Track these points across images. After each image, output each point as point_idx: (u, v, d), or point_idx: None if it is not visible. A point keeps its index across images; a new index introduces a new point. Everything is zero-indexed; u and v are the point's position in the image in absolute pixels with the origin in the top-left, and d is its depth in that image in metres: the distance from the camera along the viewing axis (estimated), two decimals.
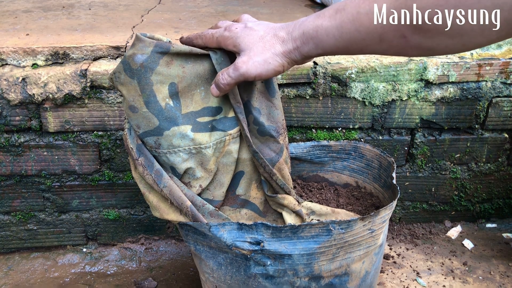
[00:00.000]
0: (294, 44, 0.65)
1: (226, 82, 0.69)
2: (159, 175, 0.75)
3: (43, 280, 1.13)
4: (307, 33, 0.63)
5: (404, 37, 0.54)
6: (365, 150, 0.99)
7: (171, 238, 1.23)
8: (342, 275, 0.78)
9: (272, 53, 0.66)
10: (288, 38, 0.65)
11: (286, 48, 0.65)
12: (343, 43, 0.59)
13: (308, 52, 0.64)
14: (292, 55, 0.66)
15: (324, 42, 0.61)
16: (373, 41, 0.56)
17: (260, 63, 0.66)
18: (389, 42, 0.55)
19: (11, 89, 1.03)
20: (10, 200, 1.15)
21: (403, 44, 0.54)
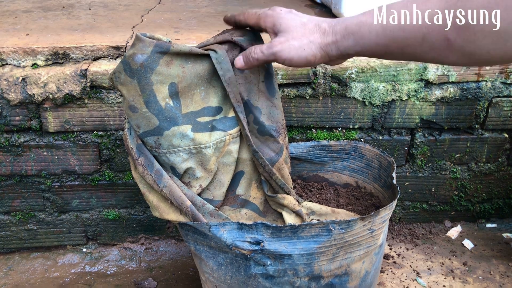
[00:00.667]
0: (334, 38, 0.65)
1: (256, 56, 0.69)
2: (159, 175, 0.75)
3: (43, 280, 1.13)
4: (349, 27, 0.63)
5: (447, 40, 0.54)
6: (365, 150, 0.99)
7: (171, 238, 1.23)
8: (342, 275, 0.78)
9: (310, 40, 0.66)
10: (330, 31, 0.65)
11: (325, 40, 0.65)
12: (385, 41, 0.60)
13: (346, 48, 0.64)
14: (329, 48, 0.65)
15: (365, 39, 0.62)
16: (416, 40, 0.57)
17: (295, 47, 0.66)
18: (431, 43, 0.56)
19: (11, 89, 1.03)
20: (10, 200, 1.15)
21: (445, 47, 0.55)
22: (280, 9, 0.70)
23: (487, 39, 0.51)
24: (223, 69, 0.76)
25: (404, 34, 0.58)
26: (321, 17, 0.69)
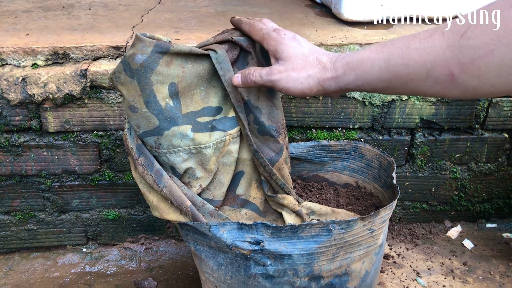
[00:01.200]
0: (334, 73, 0.65)
1: (254, 79, 0.70)
2: (159, 175, 0.75)
3: (43, 280, 1.13)
4: (351, 63, 0.63)
5: (451, 75, 0.54)
6: (365, 150, 0.99)
7: (171, 238, 1.23)
8: (342, 275, 0.78)
9: (309, 74, 0.66)
10: (330, 67, 0.66)
11: (324, 75, 0.66)
12: (388, 76, 0.60)
13: (347, 83, 0.64)
14: (327, 83, 0.66)
15: (367, 73, 0.62)
16: (420, 76, 0.57)
17: (293, 79, 0.67)
18: (435, 78, 0.56)
19: (11, 89, 1.03)
20: (10, 200, 1.15)
21: (449, 82, 0.54)
22: (284, 34, 0.70)
23: (491, 73, 0.51)
24: (223, 69, 0.76)
25: (407, 70, 0.58)
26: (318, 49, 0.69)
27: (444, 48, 0.54)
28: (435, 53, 0.55)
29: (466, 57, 0.52)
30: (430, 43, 0.55)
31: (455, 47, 0.53)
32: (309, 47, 0.69)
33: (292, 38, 0.70)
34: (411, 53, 0.57)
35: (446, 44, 0.54)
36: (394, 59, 0.59)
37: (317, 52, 0.68)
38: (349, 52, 0.65)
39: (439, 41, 0.55)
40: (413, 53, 0.57)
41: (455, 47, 0.53)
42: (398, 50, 0.59)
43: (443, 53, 0.54)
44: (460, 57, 0.52)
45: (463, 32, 0.52)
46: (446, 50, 0.54)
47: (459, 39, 0.53)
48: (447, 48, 0.54)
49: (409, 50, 0.57)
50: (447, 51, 0.54)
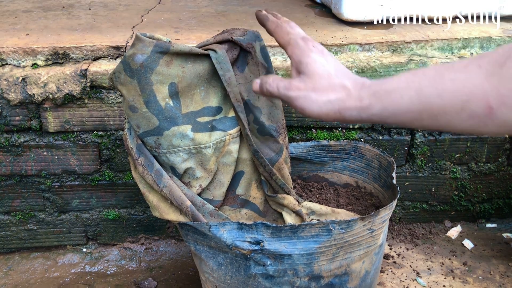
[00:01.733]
0: (358, 103, 0.59)
1: (270, 90, 0.65)
2: (159, 175, 0.75)
3: (43, 280, 1.13)
4: (378, 93, 0.58)
5: (490, 108, 0.49)
6: (365, 150, 0.99)
7: (171, 238, 1.23)
8: (342, 275, 0.78)
9: (329, 100, 0.60)
10: (354, 96, 0.60)
11: (346, 104, 0.60)
12: (418, 107, 0.55)
13: (371, 114, 0.58)
14: (348, 113, 0.60)
15: (396, 104, 0.56)
16: (454, 108, 0.52)
17: (311, 101, 0.61)
18: (470, 112, 0.51)
19: (11, 89, 1.03)
20: (10, 200, 1.15)
21: (486, 115, 0.50)
22: (313, 46, 0.65)
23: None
24: (223, 69, 0.76)
25: (441, 102, 0.53)
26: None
27: (482, 79, 0.50)
28: (472, 84, 0.50)
29: (506, 89, 0.48)
30: (467, 74, 0.51)
31: (494, 78, 0.49)
32: (335, 66, 0.63)
33: (320, 52, 0.65)
34: (445, 83, 0.52)
35: (484, 75, 0.50)
36: (427, 89, 0.54)
37: (343, 74, 0.62)
38: (377, 80, 0.60)
39: (476, 72, 0.51)
40: (448, 83, 0.52)
41: (495, 78, 0.49)
42: (431, 80, 0.54)
43: (481, 85, 0.50)
44: (501, 89, 0.48)
45: (503, 63, 0.49)
46: (484, 81, 0.50)
47: (499, 70, 0.49)
48: (485, 79, 0.50)
49: (443, 80, 0.53)
50: (485, 83, 0.50)
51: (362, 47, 1.13)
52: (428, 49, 1.15)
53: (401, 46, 1.14)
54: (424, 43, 1.14)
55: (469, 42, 1.16)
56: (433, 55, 1.14)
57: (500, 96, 0.49)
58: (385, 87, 0.57)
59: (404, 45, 1.14)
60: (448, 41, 1.15)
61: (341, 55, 1.12)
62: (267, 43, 1.09)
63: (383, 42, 1.13)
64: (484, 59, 0.51)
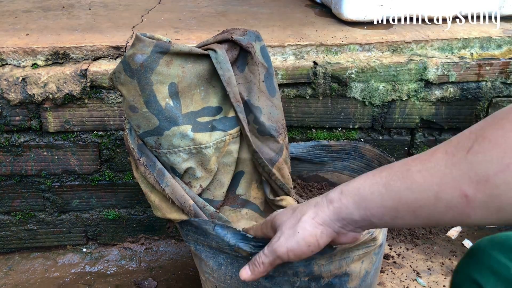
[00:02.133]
0: (330, 206, 0.57)
1: (261, 260, 0.62)
2: (161, 174, 0.75)
3: (43, 280, 1.13)
4: (345, 190, 0.56)
5: (465, 196, 0.46)
6: (365, 150, 0.99)
7: (171, 238, 1.23)
8: (342, 275, 0.78)
9: (302, 221, 0.58)
10: (322, 201, 0.58)
11: (319, 213, 0.57)
12: (391, 203, 0.52)
13: (348, 213, 0.55)
14: (326, 219, 0.57)
15: (368, 201, 0.54)
16: (428, 201, 0.49)
17: (290, 235, 0.58)
18: (446, 202, 0.48)
19: (11, 89, 1.03)
20: (10, 200, 1.15)
21: (464, 205, 0.47)
22: (276, 211, 0.65)
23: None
24: (222, 69, 0.76)
25: (413, 195, 0.50)
26: None
27: (450, 167, 0.47)
28: (441, 173, 0.48)
29: (478, 175, 0.45)
30: (433, 163, 0.49)
31: (462, 165, 0.46)
32: (301, 203, 0.62)
33: (285, 209, 0.64)
34: (413, 175, 0.50)
35: (451, 162, 0.47)
36: (395, 183, 0.52)
37: (308, 201, 0.60)
38: (342, 184, 0.58)
39: (443, 159, 0.48)
40: (416, 175, 0.50)
41: (463, 164, 0.46)
42: (397, 173, 0.52)
43: (450, 172, 0.47)
44: (471, 175, 0.45)
45: (470, 147, 0.46)
46: (452, 168, 0.47)
47: (465, 155, 0.46)
48: (453, 166, 0.47)
49: (410, 172, 0.50)
50: (453, 170, 0.47)
51: (362, 47, 1.13)
52: (428, 49, 1.15)
53: (401, 46, 1.14)
54: (424, 43, 1.14)
55: (469, 42, 1.16)
56: (433, 55, 1.14)
57: (473, 183, 0.45)
58: (352, 185, 0.55)
59: (404, 45, 1.14)
60: (448, 41, 1.15)
61: (341, 55, 1.12)
62: (267, 43, 1.09)
63: (383, 42, 1.13)
64: (451, 144, 0.49)
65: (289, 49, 1.11)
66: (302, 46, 1.11)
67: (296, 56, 1.11)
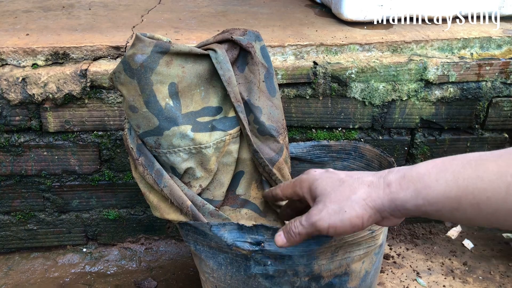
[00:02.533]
0: (387, 190, 0.52)
1: (298, 231, 0.59)
2: (160, 175, 0.75)
3: (43, 280, 1.13)
4: (409, 175, 0.51)
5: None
6: (365, 150, 0.99)
7: (171, 238, 1.23)
8: (342, 275, 0.78)
9: (351, 199, 0.54)
10: (379, 182, 0.54)
11: (373, 194, 0.53)
12: (456, 192, 0.48)
13: (404, 201, 0.51)
14: (378, 203, 0.53)
15: (430, 188, 0.49)
16: (498, 193, 0.45)
17: (335, 211, 0.55)
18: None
19: (11, 89, 1.03)
20: (10, 200, 1.15)
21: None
22: (314, 171, 0.61)
23: None
24: (223, 69, 0.76)
25: (482, 185, 0.46)
26: None
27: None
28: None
29: None
30: (510, 155, 0.46)
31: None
32: (346, 172, 0.58)
33: (324, 171, 0.60)
34: (486, 164, 0.47)
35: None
36: (466, 171, 0.48)
37: (357, 174, 0.57)
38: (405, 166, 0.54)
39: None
40: (490, 164, 0.46)
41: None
42: (471, 162, 0.48)
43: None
44: None
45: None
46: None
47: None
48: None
49: (484, 161, 0.47)
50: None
51: (362, 47, 1.13)
52: (428, 49, 1.15)
53: (401, 46, 1.14)
54: (424, 43, 1.14)
55: (469, 42, 1.16)
56: (433, 55, 1.14)
57: None
58: (416, 170, 0.52)
59: (404, 45, 1.14)
60: (448, 41, 1.15)
61: (341, 55, 1.12)
62: (267, 43, 1.09)
63: (383, 42, 1.13)
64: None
65: (289, 49, 1.11)
66: (302, 46, 1.11)
67: (296, 56, 1.11)
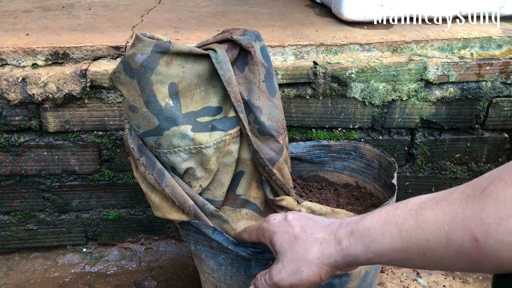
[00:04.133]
0: (338, 247, 0.55)
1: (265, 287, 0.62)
2: (161, 174, 0.75)
3: (43, 280, 1.13)
4: (356, 231, 0.53)
5: (476, 240, 0.43)
6: (365, 150, 0.99)
7: (171, 238, 1.23)
8: (342, 275, 0.78)
9: (306, 259, 0.57)
10: (330, 239, 0.56)
11: (325, 252, 0.56)
12: (401, 244, 0.49)
13: (355, 256, 0.53)
14: (332, 260, 0.55)
15: (378, 243, 0.51)
16: (438, 242, 0.46)
17: (293, 271, 0.58)
18: (457, 246, 0.45)
19: (11, 89, 1.03)
20: (10, 200, 1.15)
21: (475, 251, 0.43)
22: (273, 219, 0.63)
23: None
24: (223, 69, 0.76)
25: (424, 235, 0.47)
26: None
27: (464, 206, 0.45)
28: (453, 212, 0.45)
29: (489, 217, 0.42)
30: (448, 202, 0.47)
31: (475, 205, 0.44)
32: (300, 224, 0.60)
33: (283, 220, 0.62)
34: (426, 213, 0.48)
35: (465, 201, 0.45)
36: (407, 222, 0.49)
37: (311, 227, 0.59)
38: (354, 217, 0.56)
39: (458, 198, 0.46)
40: (429, 213, 0.48)
41: (475, 204, 0.44)
42: (412, 212, 0.49)
43: (462, 212, 0.45)
44: (483, 216, 0.43)
45: (485, 187, 0.44)
46: (465, 208, 0.45)
47: (479, 194, 0.44)
48: (466, 206, 0.45)
49: (424, 210, 0.48)
50: (466, 209, 0.44)
51: (362, 47, 1.13)
52: (428, 49, 1.15)
53: (401, 46, 1.14)
54: (424, 43, 1.14)
55: (469, 42, 1.16)
56: (433, 55, 1.14)
57: (484, 225, 0.42)
58: (363, 224, 0.53)
59: (404, 45, 1.14)
60: (448, 41, 1.15)
61: (341, 55, 1.12)
62: (267, 43, 1.09)
63: (383, 42, 1.13)
64: (469, 185, 0.47)
65: (289, 49, 1.11)
66: (302, 46, 1.11)
67: (296, 56, 1.11)
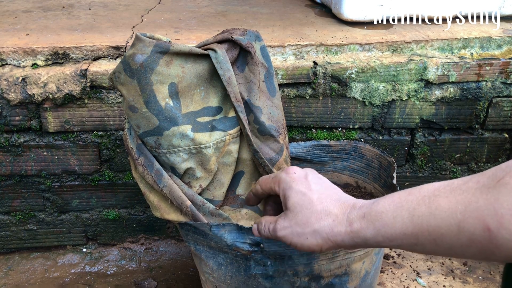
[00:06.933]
0: (348, 228, 0.55)
1: (266, 235, 0.64)
2: (159, 174, 0.75)
3: (43, 280, 1.13)
4: (368, 215, 0.53)
5: (488, 230, 0.43)
6: (365, 150, 0.99)
7: (171, 238, 1.23)
8: (342, 275, 0.78)
9: (315, 229, 0.57)
10: (342, 219, 0.56)
11: (335, 229, 0.56)
12: (413, 230, 0.49)
13: (364, 239, 0.54)
14: (339, 239, 0.56)
15: (388, 227, 0.51)
16: (450, 230, 0.46)
17: (298, 234, 0.58)
18: (469, 235, 0.45)
19: (11, 89, 1.03)
20: (10, 200, 1.15)
21: (487, 240, 0.43)
22: (294, 172, 0.63)
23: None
24: (223, 69, 0.76)
25: (435, 222, 0.47)
26: None
27: (478, 195, 0.45)
28: (467, 200, 0.45)
29: (504, 207, 0.42)
30: (463, 190, 0.46)
31: (490, 195, 0.43)
32: (319, 190, 0.60)
33: (303, 178, 0.62)
34: (439, 200, 0.48)
35: (480, 191, 0.45)
36: (420, 208, 0.49)
37: (328, 199, 0.59)
38: (367, 201, 0.56)
39: (473, 188, 0.46)
40: (442, 200, 0.47)
41: (490, 194, 0.43)
42: (425, 198, 0.49)
43: (476, 201, 0.44)
44: (497, 207, 0.42)
45: (501, 177, 0.44)
46: (479, 197, 0.44)
47: (494, 185, 0.44)
48: (480, 195, 0.44)
49: (437, 197, 0.48)
50: (480, 199, 0.44)
51: (362, 47, 1.13)
52: (428, 49, 1.15)
53: (401, 46, 1.14)
54: (424, 43, 1.14)
55: (469, 42, 1.16)
56: (433, 55, 1.14)
57: (497, 216, 0.42)
58: (375, 208, 0.53)
59: (404, 45, 1.14)
60: (448, 41, 1.15)
61: (341, 55, 1.12)
62: (267, 43, 1.09)
63: (383, 42, 1.13)
64: (485, 174, 0.46)
65: (289, 49, 1.11)
66: (302, 46, 1.11)
67: (296, 56, 1.11)
